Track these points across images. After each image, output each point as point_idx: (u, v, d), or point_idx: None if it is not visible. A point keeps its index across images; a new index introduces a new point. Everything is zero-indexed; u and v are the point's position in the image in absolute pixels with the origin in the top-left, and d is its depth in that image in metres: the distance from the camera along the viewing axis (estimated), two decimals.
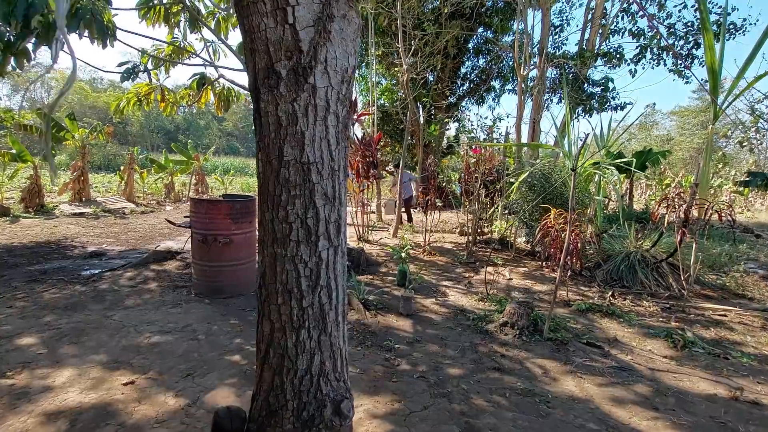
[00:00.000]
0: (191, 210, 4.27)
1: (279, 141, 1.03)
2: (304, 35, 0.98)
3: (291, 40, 0.98)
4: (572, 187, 3.07)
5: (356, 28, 1.04)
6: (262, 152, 1.06)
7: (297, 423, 1.08)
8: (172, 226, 8.26)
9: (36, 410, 2.23)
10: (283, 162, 1.03)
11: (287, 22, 0.97)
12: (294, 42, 0.98)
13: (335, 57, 1.02)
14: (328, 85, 1.03)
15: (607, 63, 10.74)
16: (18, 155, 10.46)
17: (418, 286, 4.69)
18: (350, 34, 1.02)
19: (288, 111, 1.01)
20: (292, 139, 1.03)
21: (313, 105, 1.02)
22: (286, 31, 0.98)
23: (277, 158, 1.04)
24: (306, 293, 1.07)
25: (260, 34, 0.99)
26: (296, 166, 1.03)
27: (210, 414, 2.26)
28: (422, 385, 2.68)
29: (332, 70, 1.02)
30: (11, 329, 3.25)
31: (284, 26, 0.97)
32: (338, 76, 1.03)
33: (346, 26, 1.01)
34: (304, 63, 0.99)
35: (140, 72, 5.91)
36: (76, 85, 34.66)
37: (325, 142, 1.05)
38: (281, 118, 1.02)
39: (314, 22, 0.98)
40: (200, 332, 3.33)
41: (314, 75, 1.00)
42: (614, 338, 3.57)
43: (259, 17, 0.97)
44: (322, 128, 1.04)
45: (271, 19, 0.97)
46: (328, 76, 1.02)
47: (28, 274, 4.75)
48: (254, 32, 1.00)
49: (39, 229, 7.61)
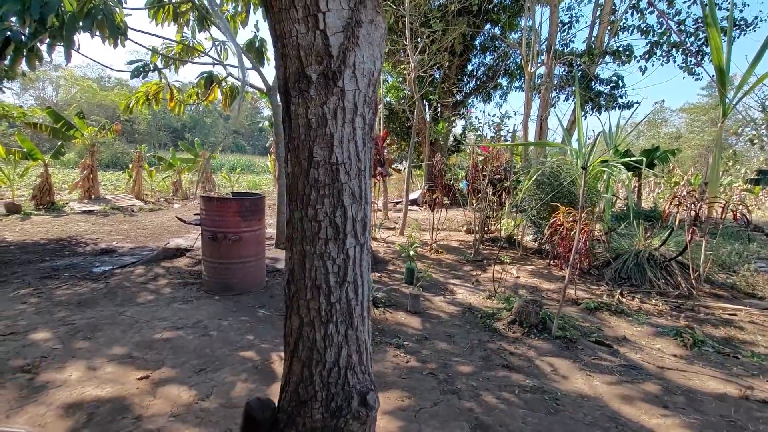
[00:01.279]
0: (201, 208, 4.32)
1: (309, 142, 1.07)
2: (334, 40, 1.02)
3: (321, 45, 1.01)
4: (582, 185, 3.07)
5: (383, 33, 1.07)
6: (292, 153, 1.10)
7: (326, 413, 1.11)
8: (181, 224, 8.34)
9: (54, 403, 2.28)
10: (313, 163, 1.07)
11: (318, 28, 1.00)
12: (324, 47, 1.01)
13: (363, 61, 1.05)
14: (356, 88, 1.06)
15: (616, 60, 10.65)
16: (28, 153, 10.60)
17: (426, 284, 4.71)
18: (377, 39, 1.05)
19: (318, 113, 1.05)
20: (322, 141, 1.06)
21: (342, 108, 1.05)
22: (317, 37, 1.01)
23: (306, 159, 1.07)
24: (334, 289, 1.11)
25: (292, 39, 1.02)
26: (325, 166, 1.07)
27: (224, 408, 2.30)
28: (432, 382, 2.70)
29: (360, 73, 1.05)
30: (27, 324, 3.31)
31: (315, 32, 1.01)
32: (365, 80, 1.06)
33: (373, 31, 1.03)
34: (333, 67, 1.02)
35: (150, 71, 5.95)
36: (84, 83, 34.96)
37: (353, 144, 1.08)
38: (311, 121, 1.06)
39: (343, 28, 1.01)
40: (211, 328, 3.37)
41: (343, 79, 1.03)
42: (623, 337, 3.57)
43: (291, 23, 1.01)
44: (350, 130, 1.08)
45: (302, 25, 1.00)
46: (356, 80, 1.06)
47: (40, 271, 4.83)
48: (286, 37, 1.03)
49: (50, 227, 7.72)
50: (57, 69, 36.46)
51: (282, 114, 1.11)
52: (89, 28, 3.92)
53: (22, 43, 4.19)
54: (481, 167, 6.35)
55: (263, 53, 6.58)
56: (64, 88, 38.62)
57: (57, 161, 13.16)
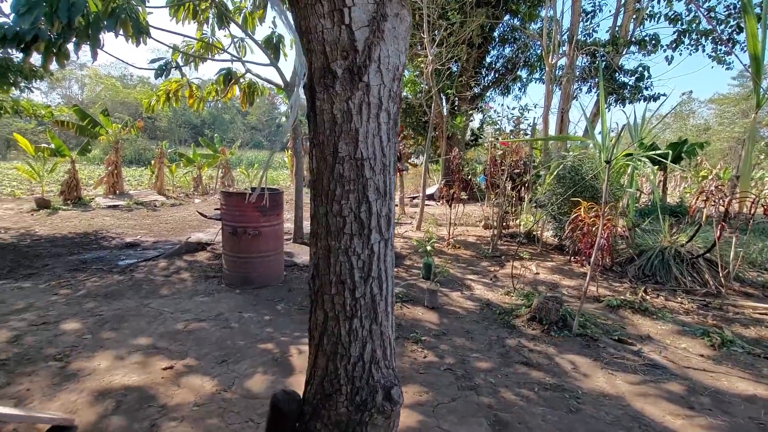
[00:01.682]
0: (222, 203, 4.39)
1: (334, 138, 1.07)
2: (360, 35, 1.02)
3: (347, 40, 1.01)
4: (605, 179, 2.99)
5: (407, 26, 1.06)
6: (317, 149, 1.11)
7: (351, 406, 1.13)
8: (201, 218, 8.51)
9: (85, 390, 2.37)
10: (338, 158, 1.08)
11: (344, 22, 1.00)
12: (350, 42, 1.02)
13: (388, 55, 1.05)
14: (381, 83, 1.06)
15: (642, 50, 10.30)
16: (57, 150, 10.98)
17: (444, 279, 4.69)
18: (402, 33, 1.04)
19: (343, 109, 1.05)
20: (347, 136, 1.07)
21: (367, 103, 1.06)
22: (343, 32, 1.01)
23: (331, 154, 1.08)
24: (358, 284, 1.13)
25: (317, 35, 1.03)
26: (350, 162, 1.08)
27: (245, 399, 2.35)
28: (450, 378, 2.70)
29: (385, 68, 1.05)
30: (57, 315, 3.45)
31: (341, 27, 1.01)
32: (390, 74, 1.06)
33: (398, 25, 1.03)
34: (359, 62, 1.02)
35: (172, 68, 6.06)
36: (108, 82, 35.92)
37: (378, 139, 1.09)
38: (336, 116, 1.06)
39: (369, 22, 1.01)
40: (232, 321, 3.44)
41: (368, 74, 1.03)
42: (647, 335, 3.48)
43: (316, 18, 1.01)
44: (375, 125, 1.08)
45: (328, 20, 1.01)
46: (381, 75, 1.05)
47: (69, 264, 5.01)
48: (311, 33, 1.03)
49: (77, 221, 7.99)
50: (82, 68, 37.60)
51: (306, 110, 1.12)
52: (113, 27, 4.01)
53: (51, 42, 4.32)
54: (500, 161, 6.26)
55: (281, 49, 6.62)
56: (89, 86, 39.79)
57: (83, 158, 13.60)
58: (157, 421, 2.13)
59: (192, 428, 2.09)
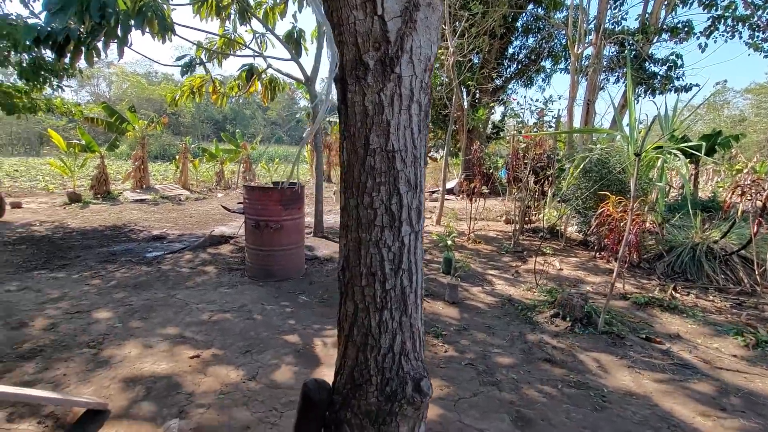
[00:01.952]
0: (245, 197, 4.46)
1: (365, 130, 1.08)
2: (392, 26, 1.01)
3: (379, 31, 1.01)
4: (635, 173, 2.89)
5: (440, 16, 1.05)
6: (348, 141, 1.11)
7: (381, 397, 1.14)
8: (225, 212, 8.69)
9: (117, 377, 2.47)
10: (369, 150, 1.08)
11: (376, 13, 1.00)
12: (382, 33, 1.01)
13: (420, 46, 1.05)
14: (413, 74, 1.06)
15: (673, 38, 9.87)
16: (87, 146, 11.39)
17: (464, 274, 4.65)
18: (434, 22, 1.04)
19: (375, 101, 1.05)
20: (378, 128, 1.07)
21: (399, 94, 1.05)
22: (375, 23, 1.01)
23: (363, 147, 1.09)
24: (389, 276, 1.13)
25: (349, 26, 1.03)
26: (381, 154, 1.08)
27: (269, 389, 2.40)
28: (471, 373, 2.68)
29: (416, 59, 1.05)
30: (90, 304, 3.59)
31: (373, 18, 1.00)
32: (422, 65, 1.05)
33: (430, 14, 1.02)
34: (391, 53, 1.02)
35: (197, 65, 6.17)
36: (134, 79, 36.94)
37: (409, 131, 1.09)
38: (368, 108, 1.06)
39: (401, 12, 1.01)
40: (255, 312, 3.51)
41: (400, 65, 1.03)
42: (676, 334, 3.37)
43: (348, 10, 1.01)
44: (407, 117, 1.07)
45: (360, 11, 1.01)
46: (412, 65, 1.05)
47: (100, 255, 5.20)
48: (343, 25, 1.03)
49: (107, 214, 8.28)
50: (109, 66, 38.75)
51: (338, 102, 1.12)
52: (141, 25, 4.10)
53: (80, 41, 4.46)
54: (523, 155, 6.13)
55: (301, 44, 6.64)
56: (116, 84, 41.03)
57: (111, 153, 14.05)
58: (185, 408, 2.19)
59: (218, 416, 2.14)
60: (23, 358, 2.64)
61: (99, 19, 3.49)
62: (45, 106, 8.50)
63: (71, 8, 3.66)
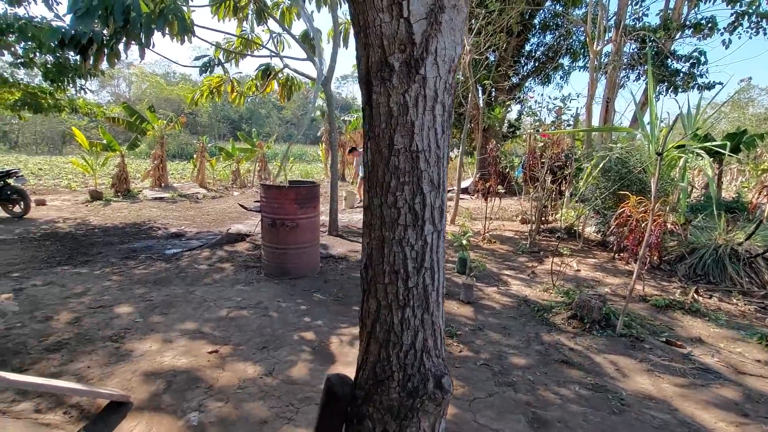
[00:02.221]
0: (261, 195, 4.52)
1: (390, 131, 1.10)
2: (417, 28, 1.03)
3: (405, 33, 1.03)
4: (656, 173, 2.82)
5: (464, 17, 1.07)
6: (373, 141, 1.14)
7: (402, 392, 1.16)
8: (240, 210, 8.81)
9: (138, 370, 2.53)
10: (393, 150, 1.10)
11: (402, 16, 1.02)
12: (407, 35, 1.03)
13: (444, 47, 1.06)
14: (437, 75, 1.07)
15: (696, 34, 9.60)
16: (108, 145, 11.68)
17: (479, 274, 4.62)
18: (458, 24, 1.05)
19: (399, 102, 1.07)
20: (402, 129, 1.09)
21: (423, 95, 1.07)
22: (401, 25, 1.03)
23: (387, 147, 1.11)
24: (411, 274, 1.15)
25: (375, 29, 1.05)
26: (405, 154, 1.10)
27: (285, 384, 2.43)
28: (486, 373, 2.67)
29: (441, 60, 1.06)
30: (112, 299, 3.69)
31: (399, 20, 1.02)
32: (446, 66, 1.07)
33: (455, 16, 1.03)
34: (416, 55, 1.04)
35: (216, 65, 6.27)
36: (153, 79, 37.72)
37: (433, 131, 1.10)
38: (392, 109, 1.08)
39: (426, 15, 1.02)
40: (271, 309, 3.56)
41: (425, 66, 1.05)
42: (697, 338, 3.29)
43: (375, 13, 1.03)
44: (430, 117, 1.09)
45: (386, 14, 1.03)
46: (437, 67, 1.07)
47: (121, 252, 5.33)
48: (369, 27, 1.06)
49: (127, 212, 8.49)
50: (129, 66, 39.65)
51: (362, 103, 1.15)
52: (162, 27, 4.20)
53: (103, 43, 4.58)
54: (540, 154, 6.05)
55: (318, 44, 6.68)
56: (136, 84, 41.97)
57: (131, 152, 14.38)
58: (204, 402, 2.24)
59: (236, 410, 2.18)
60: (49, 351, 2.73)
61: (122, 22, 3.58)
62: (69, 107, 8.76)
63: (96, 12, 3.77)
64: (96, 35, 4.40)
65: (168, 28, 4.63)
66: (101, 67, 7.47)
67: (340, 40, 6.57)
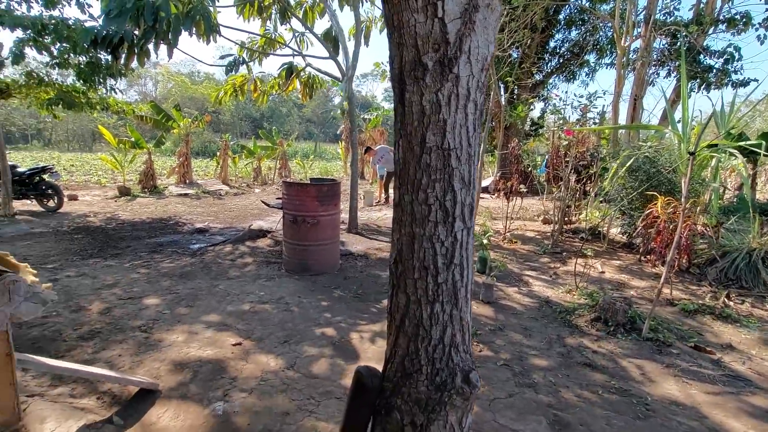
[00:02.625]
0: (283, 192, 4.59)
1: (422, 129, 1.12)
2: (451, 27, 1.05)
3: (439, 33, 1.05)
4: (688, 173, 2.73)
5: (498, 16, 1.08)
6: (404, 139, 1.16)
7: (431, 386, 1.19)
8: (262, 206, 8.97)
9: (166, 359, 2.62)
10: (425, 148, 1.12)
11: (437, 15, 1.04)
12: (441, 35, 1.05)
13: (478, 46, 1.07)
14: (470, 74, 1.09)
15: (730, 29, 9.20)
16: (136, 143, 12.06)
17: (500, 274, 4.57)
18: (492, 23, 1.06)
19: (432, 100, 1.09)
20: (435, 127, 1.11)
21: (456, 94, 1.09)
22: (435, 25, 1.04)
23: (419, 145, 1.13)
24: (441, 270, 1.17)
25: (409, 29, 1.07)
26: (437, 152, 1.12)
27: (306, 378, 2.47)
28: (506, 373, 2.64)
29: (474, 59, 1.08)
30: (140, 291, 3.82)
31: (434, 20, 1.04)
32: (479, 65, 1.08)
33: (489, 15, 1.05)
34: (450, 54, 1.05)
35: (240, 64, 6.39)
36: (178, 79, 38.69)
37: (464, 129, 1.12)
38: (425, 107, 1.10)
39: (461, 14, 1.04)
40: (292, 305, 3.61)
41: (458, 65, 1.06)
42: (728, 344, 3.17)
43: (410, 13, 1.05)
44: (462, 116, 1.11)
45: (421, 14, 1.04)
46: (470, 65, 1.08)
47: (149, 246, 5.51)
48: (403, 27, 1.08)
49: (154, 208, 8.75)
50: (155, 66, 40.79)
51: (394, 102, 1.17)
52: (189, 27, 4.31)
53: (134, 42, 4.74)
54: (564, 153, 5.93)
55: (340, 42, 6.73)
56: (162, 83, 43.13)
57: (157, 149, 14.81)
58: (229, 392, 2.30)
59: (259, 401, 2.24)
60: (83, 339, 2.86)
61: (152, 22, 3.69)
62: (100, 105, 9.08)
63: (128, 13, 3.90)
64: (127, 35, 4.55)
65: (195, 28, 4.75)
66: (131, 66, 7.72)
67: (361, 38, 6.59)
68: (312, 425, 2.06)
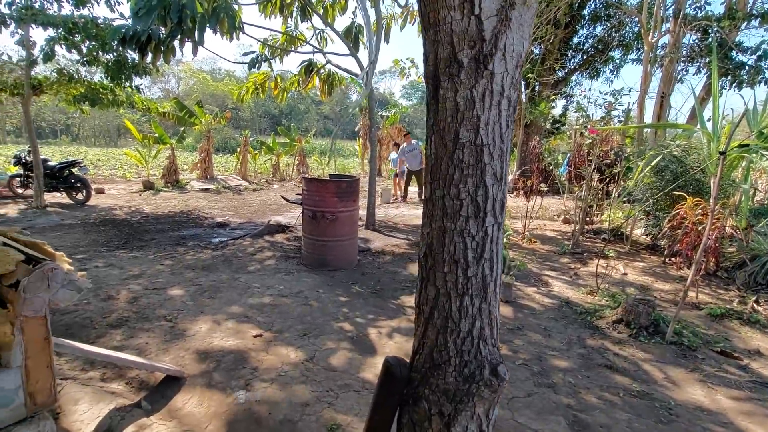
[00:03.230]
0: (303, 188, 4.65)
1: (455, 125, 1.13)
2: (487, 25, 1.06)
3: (475, 30, 1.06)
4: (718, 173, 2.65)
5: (533, 13, 1.09)
6: (437, 135, 1.18)
7: (459, 377, 1.21)
8: (280, 202, 9.09)
9: (190, 348, 2.70)
10: (458, 144, 1.14)
11: (473, 13, 1.05)
12: (477, 32, 1.06)
13: (513, 43, 1.08)
14: (505, 70, 1.10)
15: (764, 24, 8.83)
16: (159, 138, 12.37)
17: (519, 273, 4.52)
18: (528, 20, 1.07)
19: (466, 97, 1.10)
20: (468, 123, 1.12)
21: (490, 90, 1.10)
22: (471, 22, 1.05)
23: (452, 141, 1.14)
24: (471, 264, 1.19)
25: (445, 26, 1.08)
26: (470, 147, 1.13)
27: (325, 371, 2.51)
28: (525, 373, 2.63)
29: (509, 56, 1.08)
30: (165, 282, 3.93)
31: (470, 17, 1.05)
32: (513, 62, 1.09)
33: (525, 12, 1.05)
34: (485, 51, 1.06)
35: (263, 61, 6.48)
36: (200, 76, 39.40)
37: (497, 126, 1.13)
38: (459, 104, 1.12)
39: (497, 11, 1.05)
40: (311, 299, 3.66)
41: (493, 62, 1.07)
42: (756, 350, 3.07)
43: (446, 11, 1.06)
44: (496, 112, 1.12)
45: (458, 11, 1.06)
46: (505, 62, 1.09)
47: (172, 239, 5.66)
48: (439, 24, 1.09)
49: (176, 202, 8.97)
50: (178, 63, 41.64)
51: (427, 98, 1.19)
52: (214, 25, 4.39)
53: (160, 40, 4.86)
54: (587, 151, 5.81)
55: (360, 39, 6.75)
56: (184, 80, 44.01)
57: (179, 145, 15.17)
58: (251, 382, 2.36)
59: (280, 391, 2.28)
60: (112, 327, 2.96)
61: (177, 19, 3.78)
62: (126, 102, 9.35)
63: (155, 11, 4.00)
64: (154, 33, 4.67)
65: (219, 25, 4.84)
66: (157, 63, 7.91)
67: (381, 35, 6.60)
68: (331, 416, 2.10)
